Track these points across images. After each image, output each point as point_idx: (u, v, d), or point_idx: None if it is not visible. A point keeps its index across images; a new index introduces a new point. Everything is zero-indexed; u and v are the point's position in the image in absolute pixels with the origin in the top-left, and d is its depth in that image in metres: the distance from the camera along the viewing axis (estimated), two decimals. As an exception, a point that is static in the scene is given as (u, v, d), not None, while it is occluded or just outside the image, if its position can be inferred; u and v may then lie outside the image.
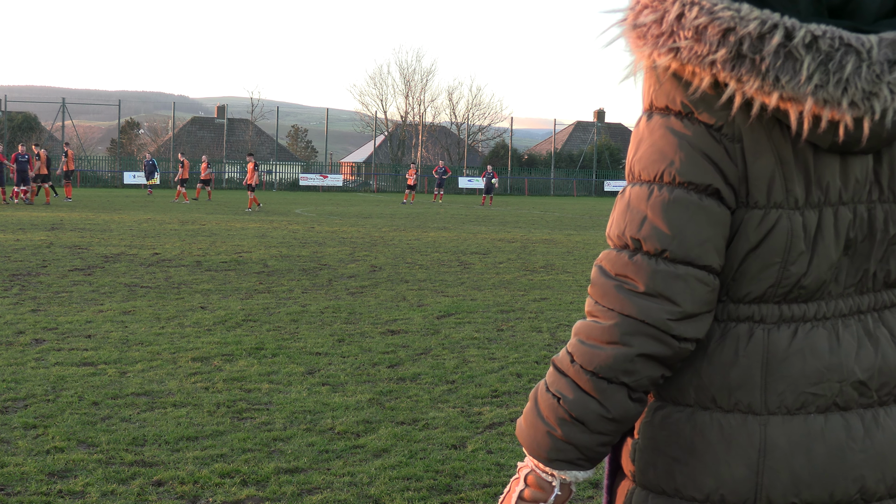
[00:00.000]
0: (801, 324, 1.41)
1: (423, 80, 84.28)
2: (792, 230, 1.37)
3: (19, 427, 5.19)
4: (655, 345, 1.37)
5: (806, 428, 1.40)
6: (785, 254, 1.38)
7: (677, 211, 1.35)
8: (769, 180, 1.35)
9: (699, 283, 1.36)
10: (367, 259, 14.90)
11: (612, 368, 1.38)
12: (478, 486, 4.43)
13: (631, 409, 1.41)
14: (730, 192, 1.36)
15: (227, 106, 79.33)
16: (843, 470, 1.39)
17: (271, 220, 25.60)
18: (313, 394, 6.07)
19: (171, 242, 17.25)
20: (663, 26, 1.31)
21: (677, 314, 1.36)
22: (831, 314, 1.42)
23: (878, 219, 1.42)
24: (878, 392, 1.42)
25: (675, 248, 1.35)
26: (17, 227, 20.26)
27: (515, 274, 13.23)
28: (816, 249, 1.39)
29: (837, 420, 1.41)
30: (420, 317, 9.19)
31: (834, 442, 1.39)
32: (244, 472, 4.53)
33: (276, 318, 8.94)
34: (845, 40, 1.24)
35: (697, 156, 1.34)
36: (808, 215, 1.37)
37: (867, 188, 1.41)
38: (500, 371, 6.85)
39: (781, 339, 1.40)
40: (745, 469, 1.39)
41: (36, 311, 9.07)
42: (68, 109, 59.24)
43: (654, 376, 1.40)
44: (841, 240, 1.40)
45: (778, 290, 1.40)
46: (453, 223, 26.02)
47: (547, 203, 46.87)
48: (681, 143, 1.35)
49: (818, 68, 1.24)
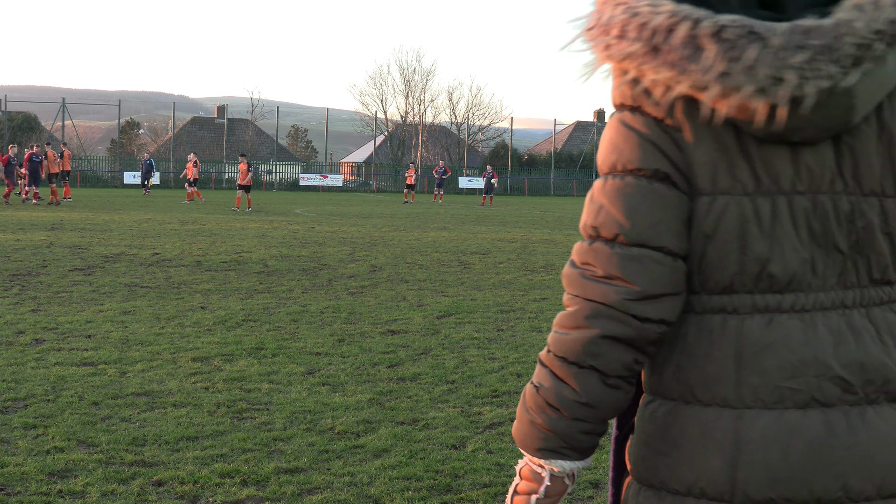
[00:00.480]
0: (777, 315, 1.40)
1: (423, 80, 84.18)
2: (743, 215, 1.39)
3: (19, 427, 5.19)
4: (617, 326, 1.41)
5: (782, 423, 1.38)
6: (740, 240, 1.39)
7: (628, 196, 1.40)
8: (712, 167, 1.39)
9: (654, 263, 1.40)
10: (367, 259, 14.90)
11: (579, 352, 1.42)
12: (478, 486, 4.43)
13: (606, 395, 1.44)
14: (680, 176, 1.40)
15: (227, 106, 79.35)
16: (822, 467, 1.37)
17: (271, 220, 25.61)
18: (313, 394, 6.07)
19: (171, 242, 17.25)
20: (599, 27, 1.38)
21: (635, 294, 1.40)
22: (810, 307, 1.41)
23: (844, 210, 1.41)
24: (864, 389, 1.40)
25: (628, 231, 1.40)
26: (17, 227, 20.26)
27: (515, 274, 13.23)
28: (776, 237, 1.39)
29: (817, 416, 1.39)
30: (420, 317, 9.19)
31: (812, 438, 1.38)
32: (244, 472, 4.53)
33: (276, 318, 8.94)
34: (752, 28, 1.27)
35: (645, 143, 1.40)
36: (759, 202, 1.39)
37: (828, 179, 1.39)
38: (500, 371, 6.85)
39: (754, 330, 1.40)
40: (722, 463, 1.39)
41: (36, 311, 9.07)
42: (68, 109, 59.25)
43: (624, 360, 1.43)
44: (802, 230, 1.39)
45: (745, 279, 1.41)
46: (453, 223, 26.03)
47: (547, 203, 46.88)
48: (629, 134, 1.41)
49: (722, 57, 1.28)
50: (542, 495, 1.50)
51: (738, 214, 1.39)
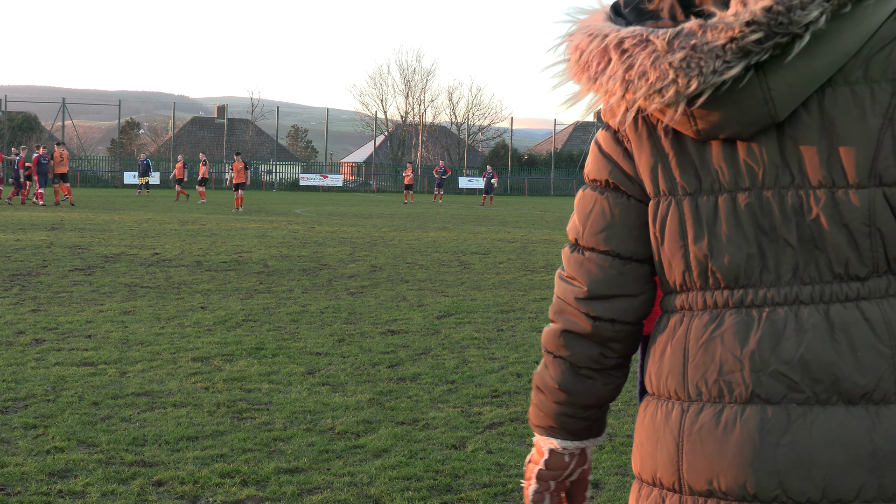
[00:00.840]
0: (725, 311, 1.42)
1: (423, 80, 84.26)
2: (682, 216, 1.43)
3: (19, 427, 5.19)
4: (572, 322, 1.55)
5: (720, 417, 1.40)
6: (683, 238, 1.44)
7: (584, 204, 1.55)
8: (653, 172, 1.46)
9: (600, 266, 1.52)
10: (367, 259, 14.90)
11: (551, 343, 1.58)
12: (478, 486, 4.43)
13: (578, 383, 1.57)
14: (632, 185, 1.50)
15: (227, 106, 79.39)
16: (755, 462, 1.36)
17: (271, 220, 25.61)
18: (313, 394, 6.07)
19: (171, 242, 17.25)
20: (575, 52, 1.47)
21: (583, 294, 1.53)
22: (760, 302, 1.40)
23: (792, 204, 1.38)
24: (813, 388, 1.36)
25: (581, 236, 1.55)
26: (17, 227, 20.26)
27: (515, 274, 13.23)
28: (716, 233, 1.41)
29: (756, 412, 1.38)
30: (420, 317, 9.19)
31: (746, 433, 1.37)
32: (244, 472, 4.53)
33: (276, 318, 8.94)
34: (645, 36, 1.34)
35: (601, 156, 1.53)
36: (700, 201, 1.42)
37: (773, 174, 1.39)
38: (500, 371, 6.85)
39: (699, 327, 1.43)
40: (669, 454, 1.44)
41: (36, 311, 9.07)
42: (68, 109, 59.26)
43: (589, 353, 1.55)
44: (747, 225, 1.40)
45: (693, 277, 1.44)
46: (453, 223, 26.03)
47: (547, 203, 46.88)
48: (594, 148, 1.55)
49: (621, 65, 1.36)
50: (544, 467, 1.65)
51: (678, 215, 1.44)
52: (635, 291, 1.53)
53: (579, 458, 1.65)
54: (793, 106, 1.35)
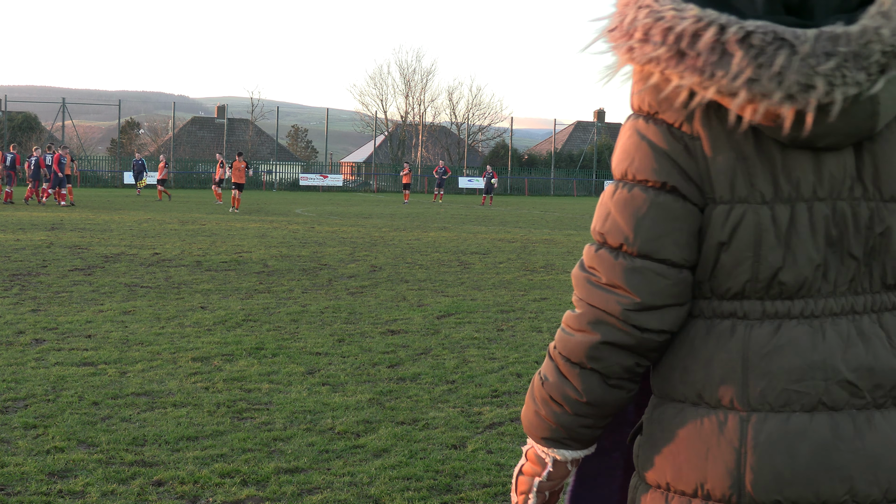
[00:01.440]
0: (786, 321, 1.41)
1: (423, 80, 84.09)
2: (760, 224, 1.38)
3: (19, 427, 5.19)
4: (617, 333, 1.44)
5: (789, 426, 1.39)
6: (755, 248, 1.39)
7: (635, 207, 1.42)
8: (731, 176, 1.38)
9: (656, 275, 1.41)
10: (367, 259, 14.90)
11: (581, 354, 1.47)
12: (478, 486, 4.43)
13: (608, 395, 1.48)
14: (692, 188, 1.40)
15: (227, 106, 79.33)
16: (828, 470, 1.38)
17: (271, 220, 25.61)
18: (313, 394, 6.07)
19: (171, 242, 17.25)
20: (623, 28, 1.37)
21: (635, 305, 1.42)
22: (820, 312, 1.41)
23: (863, 216, 1.40)
24: (872, 393, 1.40)
25: (632, 243, 1.42)
26: (17, 227, 20.26)
27: (515, 274, 13.23)
28: (791, 244, 1.39)
29: (824, 419, 1.39)
30: (420, 317, 9.19)
31: (819, 441, 1.38)
32: (244, 472, 4.53)
33: (276, 318, 8.94)
34: (779, 34, 1.27)
35: (655, 154, 1.40)
36: (777, 210, 1.38)
37: (848, 185, 1.39)
38: (500, 371, 6.85)
39: (762, 336, 1.41)
40: (728, 465, 1.40)
41: (36, 311, 9.07)
42: (68, 109, 59.24)
43: (625, 364, 1.46)
44: (819, 236, 1.39)
45: (757, 286, 1.41)
46: (453, 223, 26.03)
47: (547, 203, 46.88)
48: (640, 143, 1.42)
49: (750, 63, 1.27)
50: (545, 479, 1.57)
51: (754, 223, 1.39)
52: (685, 300, 1.44)
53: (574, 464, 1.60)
54: (887, 120, 1.35)
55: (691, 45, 1.30)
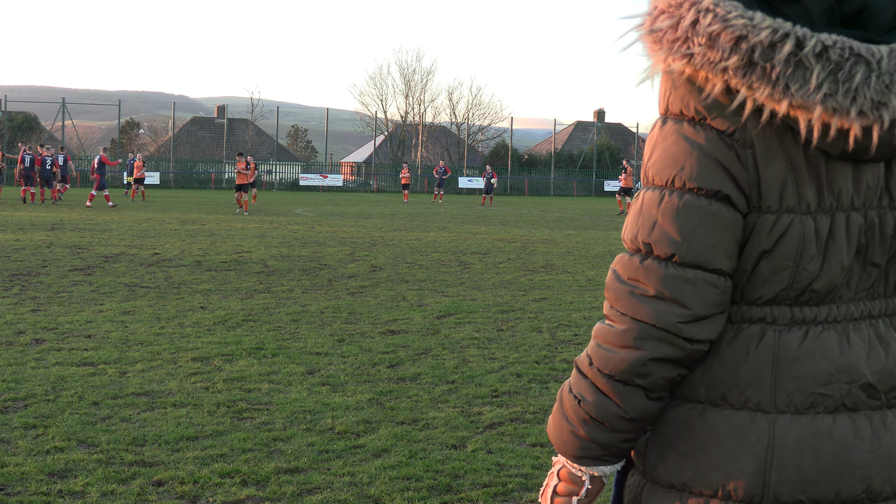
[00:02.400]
0: (812, 326, 1.44)
1: (423, 80, 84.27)
2: (804, 234, 1.39)
3: (19, 427, 5.19)
4: (667, 348, 1.41)
5: (814, 427, 1.42)
6: (797, 258, 1.40)
7: (687, 216, 1.38)
8: (781, 185, 1.37)
9: (709, 286, 1.39)
10: (367, 259, 14.90)
11: (626, 372, 1.43)
12: (478, 486, 4.43)
13: (650, 407, 1.47)
14: (741, 196, 1.38)
15: (227, 106, 79.33)
16: (850, 469, 1.41)
17: (271, 220, 25.61)
18: (313, 394, 6.07)
19: (171, 242, 17.25)
20: (678, 32, 1.33)
21: (687, 317, 1.39)
22: (842, 318, 1.45)
23: (889, 225, 1.44)
24: (887, 395, 1.45)
25: (685, 253, 1.39)
26: (17, 227, 20.26)
27: (515, 274, 13.23)
28: (828, 254, 1.41)
29: (845, 420, 1.43)
30: (420, 317, 9.19)
31: (842, 441, 1.42)
32: (244, 472, 4.53)
33: (276, 318, 8.94)
34: (855, 50, 1.26)
35: (708, 161, 1.37)
36: (820, 220, 1.40)
37: (878, 195, 1.43)
38: (500, 371, 6.85)
39: (792, 341, 1.43)
40: (754, 465, 1.41)
41: (36, 311, 9.07)
42: (68, 109, 59.23)
43: (669, 377, 1.45)
44: (853, 245, 1.42)
45: (790, 294, 1.43)
46: (453, 223, 26.03)
47: (547, 203, 46.88)
48: (692, 149, 1.39)
49: (828, 77, 1.26)
50: (584, 496, 1.54)
51: (799, 233, 1.39)
52: (727, 308, 1.44)
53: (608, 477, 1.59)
54: None
55: (765, 56, 1.28)
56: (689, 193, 1.39)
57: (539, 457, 4.89)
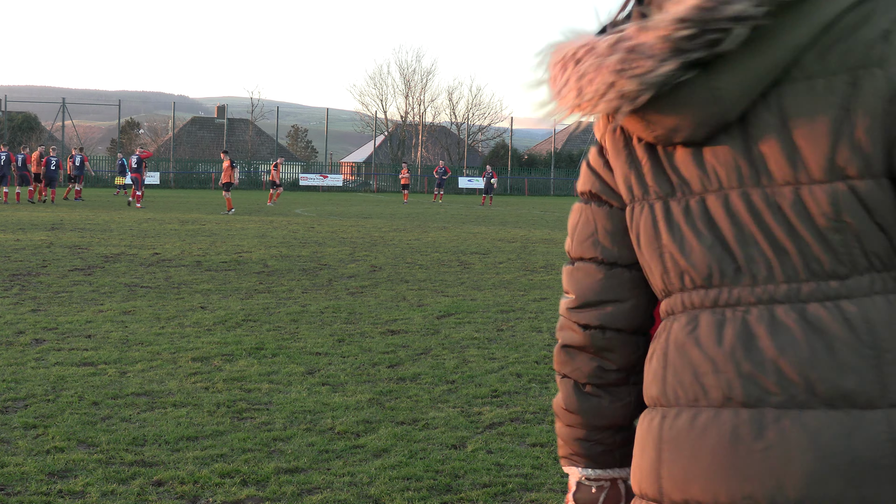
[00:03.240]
0: (700, 311, 1.37)
1: (423, 80, 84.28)
2: (654, 218, 1.43)
3: (19, 427, 5.19)
4: (567, 334, 1.56)
5: (696, 422, 1.34)
6: (658, 240, 1.43)
7: (572, 217, 1.59)
8: (627, 178, 1.47)
9: (587, 274, 1.54)
10: (367, 259, 14.90)
11: (556, 362, 1.59)
12: (478, 486, 4.43)
13: (584, 401, 1.56)
14: (613, 194, 1.52)
15: (227, 106, 79.43)
16: (725, 469, 1.30)
17: (271, 220, 25.61)
18: (313, 394, 6.07)
19: (171, 242, 17.25)
20: None
21: (573, 303, 1.56)
22: (733, 302, 1.35)
23: (759, 203, 1.34)
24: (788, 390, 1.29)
25: (571, 247, 1.58)
26: (17, 227, 20.26)
27: (515, 274, 13.23)
28: (687, 234, 1.39)
29: (729, 416, 1.31)
30: (420, 317, 9.20)
31: (717, 439, 1.31)
32: (244, 472, 4.53)
33: (276, 318, 8.94)
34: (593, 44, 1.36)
35: (586, 169, 1.57)
36: (672, 204, 1.41)
37: (738, 174, 1.35)
38: (500, 371, 6.85)
39: (678, 329, 1.39)
40: (651, 462, 1.39)
41: (36, 311, 9.07)
42: (68, 109, 59.23)
43: (586, 368, 1.55)
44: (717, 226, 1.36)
45: (671, 278, 1.41)
46: (453, 223, 26.03)
47: (547, 203, 46.89)
48: (584, 163, 1.59)
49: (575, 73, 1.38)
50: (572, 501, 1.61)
51: (651, 218, 1.44)
52: (622, 297, 1.52)
53: (610, 491, 1.57)
54: (744, 104, 1.32)
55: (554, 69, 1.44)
56: (578, 197, 1.59)
57: (539, 457, 4.89)
